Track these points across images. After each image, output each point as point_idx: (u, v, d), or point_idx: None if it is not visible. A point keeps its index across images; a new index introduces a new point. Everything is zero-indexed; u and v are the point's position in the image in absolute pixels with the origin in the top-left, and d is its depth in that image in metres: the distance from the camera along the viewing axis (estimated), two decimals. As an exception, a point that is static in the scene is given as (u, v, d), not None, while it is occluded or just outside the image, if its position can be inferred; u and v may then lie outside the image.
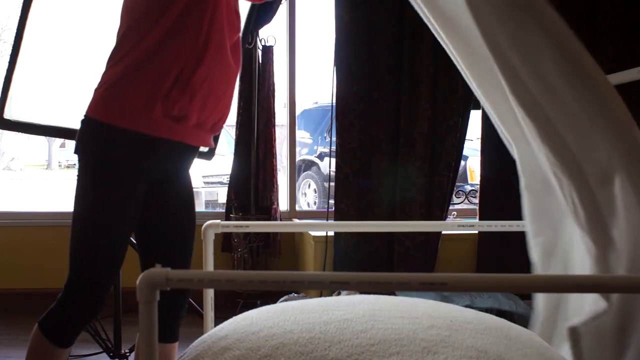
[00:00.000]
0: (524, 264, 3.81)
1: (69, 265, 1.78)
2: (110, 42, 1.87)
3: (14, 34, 2.52)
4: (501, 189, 3.70)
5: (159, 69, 1.71)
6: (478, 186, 3.79)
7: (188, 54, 1.73)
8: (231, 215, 3.64)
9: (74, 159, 1.89)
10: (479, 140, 3.79)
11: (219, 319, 1.83)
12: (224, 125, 1.97)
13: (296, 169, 4.03)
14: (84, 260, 1.78)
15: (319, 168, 6.71)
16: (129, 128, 1.71)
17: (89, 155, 1.76)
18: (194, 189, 2.09)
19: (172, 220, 1.92)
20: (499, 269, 3.58)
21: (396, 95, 3.61)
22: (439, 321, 1.55)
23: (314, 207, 6.39)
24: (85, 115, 1.78)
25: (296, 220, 3.91)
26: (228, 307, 3.32)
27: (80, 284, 1.78)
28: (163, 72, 1.71)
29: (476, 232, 3.71)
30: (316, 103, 7.17)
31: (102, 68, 1.83)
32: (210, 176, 6.56)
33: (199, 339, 1.56)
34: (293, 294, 3.25)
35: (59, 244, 2.26)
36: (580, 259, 1.27)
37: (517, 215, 3.63)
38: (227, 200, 3.72)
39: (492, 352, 1.43)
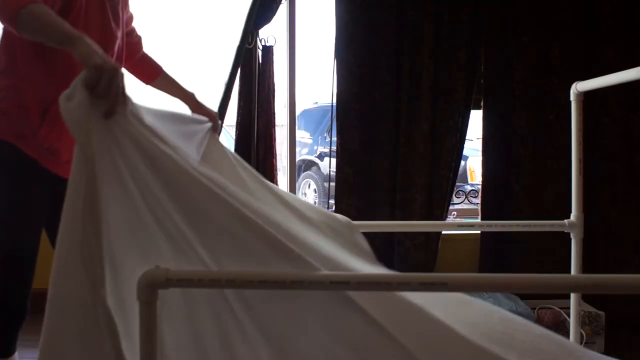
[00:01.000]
0: (524, 264, 3.83)
1: None
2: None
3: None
4: (501, 189, 3.71)
5: (27, 100, 1.77)
6: (478, 186, 3.79)
7: (54, 89, 1.75)
8: (231, 215, 3.64)
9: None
10: (479, 140, 3.79)
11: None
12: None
13: (296, 169, 4.02)
14: None
15: (319, 168, 6.71)
16: (16, 145, 1.78)
17: None
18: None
19: None
20: (500, 269, 3.59)
21: (396, 95, 3.61)
22: None
23: (314, 207, 6.38)
24: None
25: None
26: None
27: None
28: (31, 104, 1.76)
29: (478, 232, 3.71)
30: (316, 103, 7.16)
31: None
32: (210, 176, 6.54)
33: None
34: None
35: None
36: None
37: (517, 215, 3.65)
38: (227, 200, 3.72)
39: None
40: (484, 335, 1.52)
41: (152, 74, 2.13)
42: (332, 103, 3.61)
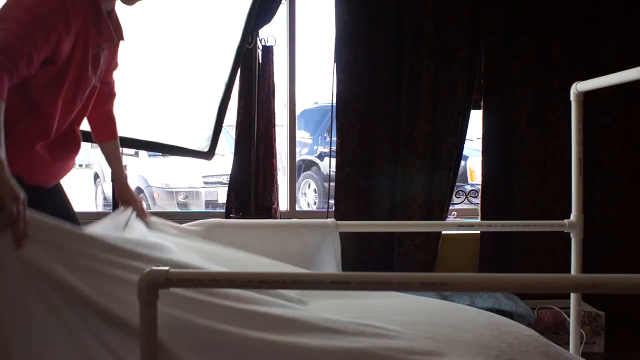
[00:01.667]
0: (524, 264, 3.83)
1: None
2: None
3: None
4: (501, 189, 3.70)
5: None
6: (478, 186, 3.79)
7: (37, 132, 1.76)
8: (231, 215, 3.64)
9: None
10: (479, 140, 3.79)
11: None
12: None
13: (296, 169, 4.02)
14: None
15: (319, 168, 6.71)
16: None
17: None
18: (194, 189, 2.12)
19: None
20: (500, 269, 3.59)
21: (396, 95, 3.61)
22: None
23: (314, 207, 6.39)
24: None
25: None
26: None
27: None
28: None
29: (477, 232, 3.71)
30: (316, 103, 7.17)
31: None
32: (210, 176, 6.56)
33: None
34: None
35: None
36: None
37: (517, 215, 3.65)
38: (227, 200, 3.72)
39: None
40: (472, 341, 1.52)
41: (108, 136, 2.13)
42: (332, 103, 3.61)
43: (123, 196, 2.07)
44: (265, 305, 1.50)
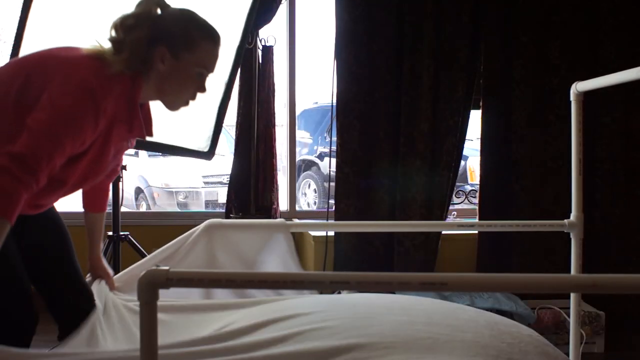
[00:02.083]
0: (524, 264, 3.83)
1: None
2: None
3: (14, 34, 2.52)
4: (501, 189, 3.71)
5: None
6: (478, 186, 3.79)
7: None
8: (231, 215, 3.64)
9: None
10: (479, 140, 3.79)
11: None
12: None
13: (296, 169, 4.02)
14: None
15: (319, 168, 6.71)
16: None
17: None
18: (194, 189, 2.12)
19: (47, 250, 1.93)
20: (499, 269, 3.59)
21: (396, 95, 3.61)
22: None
23: (314, 207, 6.38)
24: None
25: (296, 220, 3.90)
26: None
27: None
28: None
29: (476, 232, 3.71)
30: (316, 103, 7.16)
31: None
32: (210, 176, 6.56)
33: None
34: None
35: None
36: None
37: (517, 215, 3.65)
38: (227, 200, 3.72)
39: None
40: (471, 341, 1.53)
41: (98, 208, 2.09)
42: (332, 103, 3.61)
43: (97, 270, 2.05)
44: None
